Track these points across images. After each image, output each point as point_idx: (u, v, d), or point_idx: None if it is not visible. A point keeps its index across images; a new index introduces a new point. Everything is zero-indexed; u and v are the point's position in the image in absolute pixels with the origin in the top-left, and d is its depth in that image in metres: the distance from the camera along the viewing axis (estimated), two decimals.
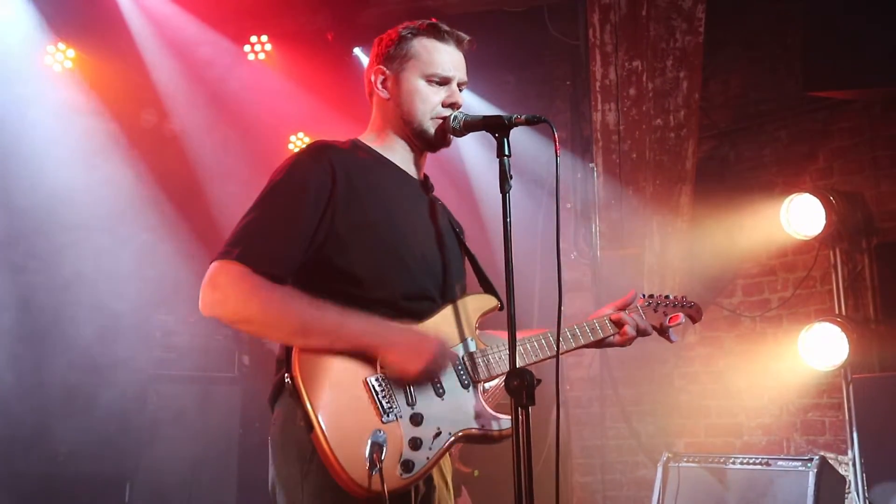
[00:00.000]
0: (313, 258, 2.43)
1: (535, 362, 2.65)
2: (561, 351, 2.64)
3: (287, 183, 2.46)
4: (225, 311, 2.33)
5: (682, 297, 3.14)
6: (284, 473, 2.38)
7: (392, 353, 2.33)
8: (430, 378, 2.37)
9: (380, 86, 2.68)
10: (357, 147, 2.66)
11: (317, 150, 2.54)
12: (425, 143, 2.68)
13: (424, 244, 2.62)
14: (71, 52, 6.40)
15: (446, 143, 2.69)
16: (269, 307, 2.32)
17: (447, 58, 2.66)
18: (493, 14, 6.69)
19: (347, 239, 2.44)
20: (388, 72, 2.67)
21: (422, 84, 2.63)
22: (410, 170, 2.72)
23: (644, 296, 3.04)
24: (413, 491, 2.41)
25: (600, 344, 2.90)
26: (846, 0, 5.63)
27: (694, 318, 3.19)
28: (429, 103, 2.62)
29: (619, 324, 2.90)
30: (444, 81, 2.65)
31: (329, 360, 2.32)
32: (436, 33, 2.67)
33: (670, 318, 3.05)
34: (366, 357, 2.35)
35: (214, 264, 2.36)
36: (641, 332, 2.95)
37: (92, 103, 6.42)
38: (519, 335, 2.40)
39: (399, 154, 2.70)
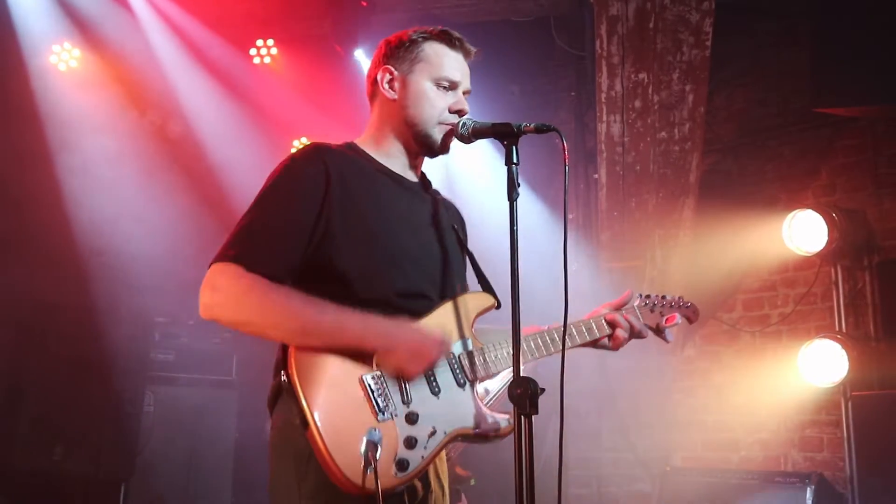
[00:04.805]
0: (310, 259, 2.43)
1: (531, 361, 2.65)
2: (557, 350, 2.65)
3: (283, 184, 2.47)
4: (224, 313, 2.33)
5: (679, 298, 3.13)
6: (281, 476, 2.37)
7: (391, 352, 2.34)
8: (428, 370, 2.39)
9: (386, 86, 2.67)
10: (352, 150, 2.65)
11: (312, 152, 2.53)
12: (426, 147, 2.67)
13: (421, 245, 2.62)
14: (77, 52, 6.41)
15: (446, 151, 2.68)
16: (268, 308, 2.32)
17: (456, 64, 2.68)
18: (498, 23, 6.70)
19: (342, 239, 2.44)
20: (396, 73, 2.66)
21: (430, 87, 2.63)
22: (406, 173, 2.71)
23: (641, 296, 3.02)
24: (407, 493, 2.41)
25: (595, 344, 2.87)
26: (854, 17, 5.63)
27: (691, 318, 3.18)
28: (436, 107, 2.62)
29: (612, 325, 2.86)
30: (452, 87, 2.65)
31: (325, 359, 2.32)
32: (447, 40, 2.69)
33: (667, 318, 3.04)
34: (362, 355, 2.36)
35: (212, 267, 2.36)
36: (636, 334, 2.91)
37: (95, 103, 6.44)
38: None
39: (395, 159, 2.69)
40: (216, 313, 2.33)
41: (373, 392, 2.32)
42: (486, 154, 6.94)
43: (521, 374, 2.23)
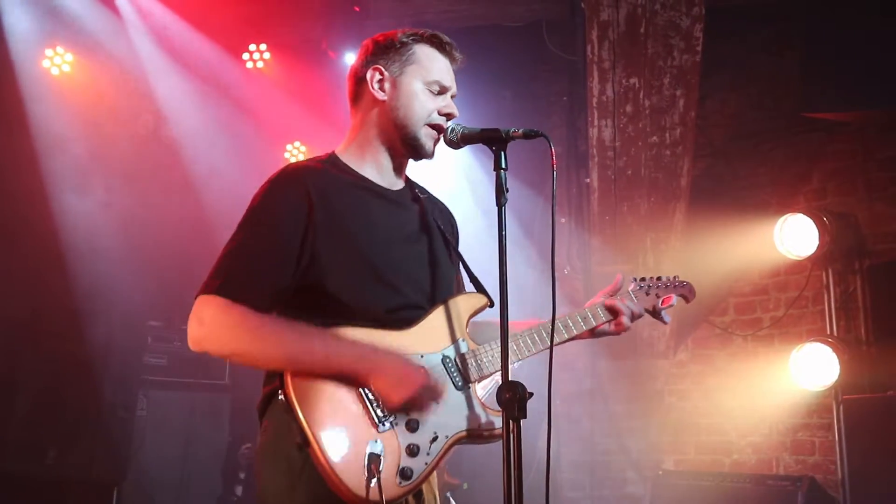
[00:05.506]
0: (299, 282, 2.42)
1: (528, 356, 2.65)
2: (555, 343, 2.59)
3: (264, 211, 2.45)
4: (212, 346, 2.34)
5: (675, 278, 3.14)
6: (273, 485, 2.35)
7: (378, 381, 2.32)
8: (413, 408, 2.33)
9: (376, 86, 2.64)
10: (333, 165, 2.63)
11: (291, 175, 2.51)
12: (413, 150, 2.65)
13: (409, 257, 2.60)
14: (69, 56, 6.41)
15: (431, 155, 2.67)
16: (254, 341, 2.33)
17: (446, 68, 2.68)
18: (491, 28, 6.70)
19: (329, 262, 2.42)
20: (386, 73, 2.64)
21: (421, 89, 2.62)
22: (389, 182, 2.69)
23: (635, 279, 3.04)
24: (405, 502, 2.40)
25: (594, 332, 2.87)
26: (844, 22, 5.67)
27: (687, 297, 3.19)
28: (426, 108, 2.61)
29: (612, 311, 2.88)
30: (442, 91, 2.65)
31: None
32: (437, 44, 2.69)
33: (663, 299, 3.04)
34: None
35: (198, 299, 2.36)
36: (635, 316, 2.93)
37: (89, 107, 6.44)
38: (511, 328, 2.39)
39: (379, 166, 2.67)
40: (205, 346, 2.34)
41: (371, 403, 2.31)
42: (476, 158, 6.97)
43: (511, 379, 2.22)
